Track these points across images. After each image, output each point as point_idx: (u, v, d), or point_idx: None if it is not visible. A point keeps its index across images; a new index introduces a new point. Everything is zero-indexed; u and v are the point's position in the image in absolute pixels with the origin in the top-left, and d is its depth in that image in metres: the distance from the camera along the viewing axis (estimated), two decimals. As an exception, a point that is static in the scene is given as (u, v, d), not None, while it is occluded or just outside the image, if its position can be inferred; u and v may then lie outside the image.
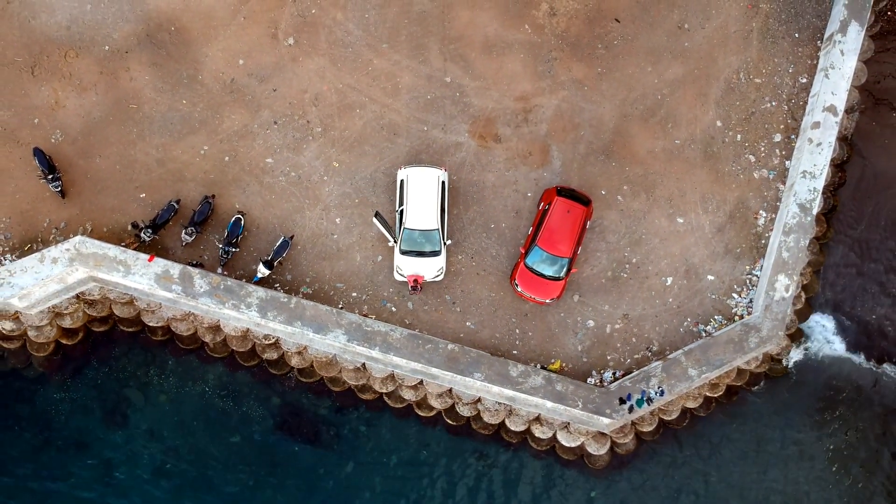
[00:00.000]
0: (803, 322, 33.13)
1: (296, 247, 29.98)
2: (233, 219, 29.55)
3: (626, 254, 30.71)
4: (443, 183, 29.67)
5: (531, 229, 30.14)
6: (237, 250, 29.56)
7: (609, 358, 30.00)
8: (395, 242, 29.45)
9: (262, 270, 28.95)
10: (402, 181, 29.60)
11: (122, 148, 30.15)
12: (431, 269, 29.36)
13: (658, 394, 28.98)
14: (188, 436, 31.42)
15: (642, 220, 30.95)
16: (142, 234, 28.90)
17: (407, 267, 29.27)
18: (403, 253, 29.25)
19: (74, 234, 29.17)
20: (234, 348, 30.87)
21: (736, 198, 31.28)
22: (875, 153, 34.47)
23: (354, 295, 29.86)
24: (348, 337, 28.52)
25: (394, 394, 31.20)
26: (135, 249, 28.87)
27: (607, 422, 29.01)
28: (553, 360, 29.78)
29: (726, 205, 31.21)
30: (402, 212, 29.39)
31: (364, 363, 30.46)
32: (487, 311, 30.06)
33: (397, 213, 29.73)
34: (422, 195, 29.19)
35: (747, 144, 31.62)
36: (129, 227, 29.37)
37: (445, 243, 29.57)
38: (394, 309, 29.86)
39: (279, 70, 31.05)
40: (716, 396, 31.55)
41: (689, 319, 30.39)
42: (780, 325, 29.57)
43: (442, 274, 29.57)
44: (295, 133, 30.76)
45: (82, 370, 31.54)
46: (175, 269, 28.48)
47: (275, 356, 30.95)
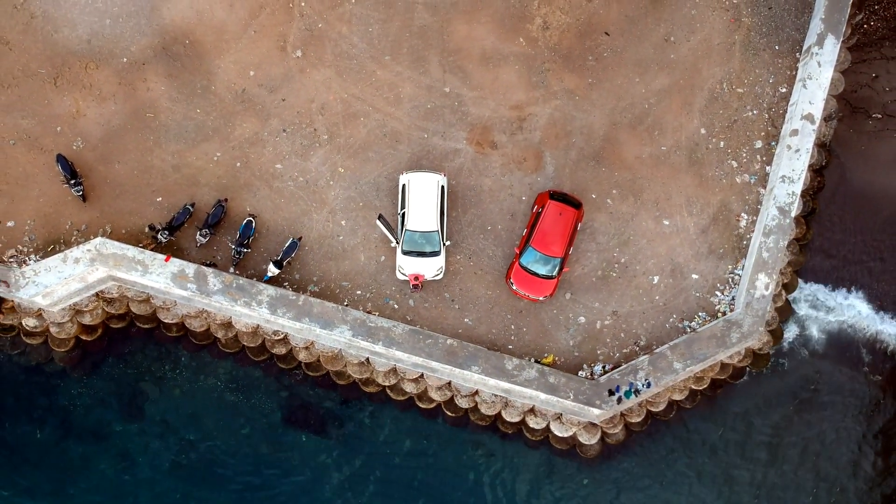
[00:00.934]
0: (784, 319, 33.34)
1: (304, 247, 30.30)
2: (244, 221, 29.92)
3: (615, 254, 30.97)
4: (442, 187, 29.95)
5: (525, 231, 30.39)
6: (249, 251, 29.90)
7: (599, 352, 30.32)
8: (397, 243, 29.79)
9: (273, 270, 29.27)
10: (404, 186, 29.89)
11: (140, 154, 30.50)
12: (431, 268, 29.70)
13: (645, 386, 29.24)
14: (201, 427, 31.73)
15: (630, 222, 31.17)
16: (158, 236, 29.17)
17: (408, 266, 29.63)
18: (405, 253, 29.59)
19: (95, 236, 29.55)
20: (245, 344, 31.17)
21: (719, 201, 31.47)
22: (852, 159, 34.60)
23: (359, 293, 30.27)
24: (353, 332, 28.85)
25: (396, 387, 31.50)
26: (152, 250, 29.18)
27: (597, 412, 29.27)
28: (546, 355, 30.11)
29: (710, 208, 31.41)
30: (403, 214, 29.68)
31: (368, 357, 30.76)
32: (484, 308, 30.37)
33: (399, 216, 30.01)
34: (422, 199, 29.47)
35: (730, 151, 31.84)
36: (147, 229, 29.71)
37: (445, 244, 29.88)
38: (396, 306, 30.25)
39: (288, 81, 31.35)
40: (701, 389, 31.78)
41: (674, 316, 30.72)
42: (761, 321, 29.76)
43: (441, 273, 29.89)
44: (303, 140, 31.08)
45: (100, 365, 31.88)
46: (190, 268, 28.83)
47: (283, 351, 31.26)
